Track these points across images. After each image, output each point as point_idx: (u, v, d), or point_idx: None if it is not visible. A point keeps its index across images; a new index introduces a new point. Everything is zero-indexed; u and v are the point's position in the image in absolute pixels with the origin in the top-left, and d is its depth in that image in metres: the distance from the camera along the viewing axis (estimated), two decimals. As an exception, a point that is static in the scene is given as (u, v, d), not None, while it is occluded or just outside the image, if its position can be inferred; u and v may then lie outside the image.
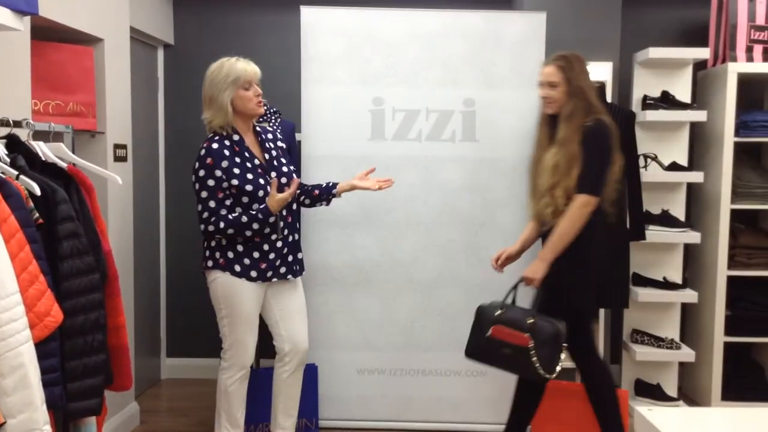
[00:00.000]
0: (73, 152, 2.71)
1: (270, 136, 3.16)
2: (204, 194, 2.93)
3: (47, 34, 3.13)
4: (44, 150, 2.47)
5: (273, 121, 3.66)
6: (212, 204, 2.92)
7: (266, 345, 3.81)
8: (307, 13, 3.73)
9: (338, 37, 3.73)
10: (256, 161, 3.01)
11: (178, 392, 4.44)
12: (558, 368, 2.89)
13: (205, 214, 2.94)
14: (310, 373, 3.37)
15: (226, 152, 2.95)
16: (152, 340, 4.52)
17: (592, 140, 2.97)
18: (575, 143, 2.97)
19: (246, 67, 2.97)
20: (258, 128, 3.13)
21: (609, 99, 3.86)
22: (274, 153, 3.09)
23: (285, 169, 3.08)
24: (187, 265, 4.60)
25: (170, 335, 4.68)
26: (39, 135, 2.55)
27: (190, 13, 4.56)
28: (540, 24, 3.72)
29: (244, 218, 2.91)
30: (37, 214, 2.23)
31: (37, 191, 2.22)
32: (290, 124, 3.77)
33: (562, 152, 2.98)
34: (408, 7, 3.78)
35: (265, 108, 3.63)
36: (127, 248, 3.72)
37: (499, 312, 2.95)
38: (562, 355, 2.89)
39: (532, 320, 2.88)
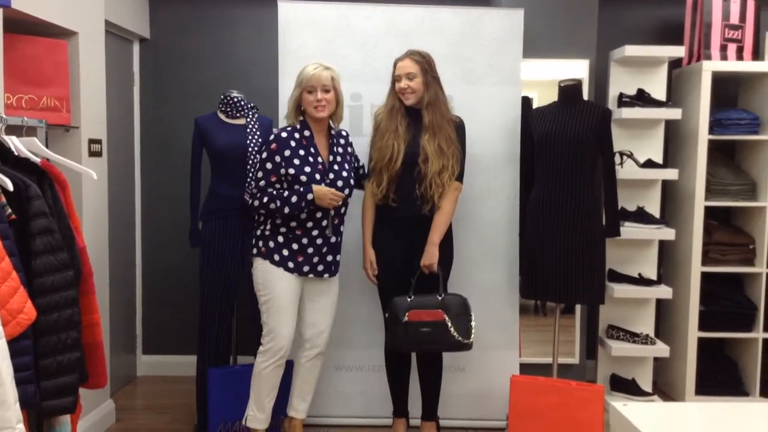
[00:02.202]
0: (47, 147, 2.67)
1: (342, 141, 3.34)
2: (259, 174, 3.19)
3: (20, 27, 3.08)
4: (17, 145, 2.43)
5: (250, 116, 3.63)
6: (262, 183, 3.18)
7: (247, 341, 3.80)
8: (284, 7, 3.72)
9: (316, 32, 3.72)
10: (319, 159, 3.21)
11: (154, 389, 4.40)
12: (473, 332, 3.22)
13: (254, 190, 3.20)
14: (285, 369, 3.38)
15: (292, 143, 3.17)
16: (128, 337, 4.49)
17: (463, 135, 3.38)
18: (449, 129, 3.30)
19: (313, 73, 3.15)
20: (333, 131, 3.32)
21: (585, 96, 3.88)
22: (339, 158, 3.28)
23: (344, 174, 3.26)
24: (163, 261, 4.57)
25: (146, 332, 4.64)
26: (12, 129, 2.51)
27: (167, 6, 4.51)
28: (518, 21, 3.73)
29: (285, 192, 3.12)
30: (10, 210, 2.20)
31: (10, 186, 2.19)
32: (268, 120, 3.75)
33: (441, 137, 3.27)
34: (386, 3, 3.77)
35: (243, 103, 3.62)
36: (102, 244, 3.69)
37: (410, 299, 3.23)
38: (473, 322, 3.24)
39: (440, 297, 3.22)
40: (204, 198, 3.65)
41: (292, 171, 3.13)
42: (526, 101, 3.93)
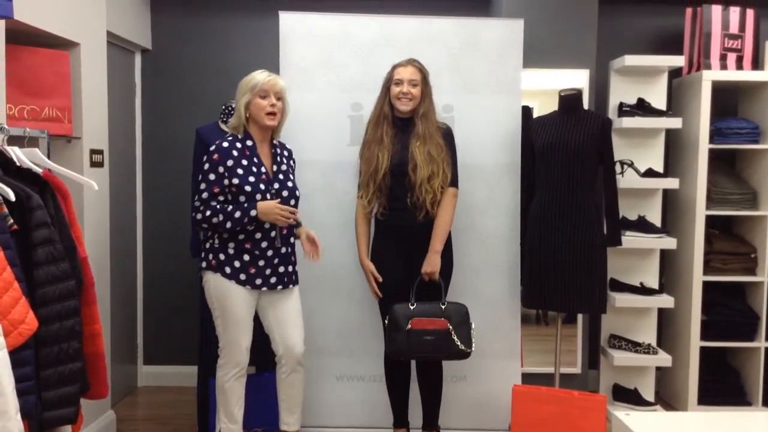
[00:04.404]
0: (49, 157, 2.68)
1: (285, 153, 3.28)
2: (202, 186, 3.06)
3: (22, 38, 3.09)
4: (19, 155, 2.44)
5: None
6: (205, 195, 3.05)
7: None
8: (285, 19, 3.73)
9: (317, 43, 3.73)
10: (263, 169, 3.12)
11: (155, 400, 4.39)
12: (474, 341, 3.28)
13: (197, 203, 3.07)
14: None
15: (235, 153, 3.07)
16: (129, 348, 4.48)
17: (452, 140, 3.40)
18: (438, 137, 3.31)
19: (267, 78, 3.09)
20: (276, 142, 3.24)
21: (585, 106, 3.89)
22: (283, 167, 3.20)
23: (290, 184, 3.18)
24: (164, 271, 4.56)
25: (147, 342, 4.63)
26: (14, 140, 2.52)
27: (168, 17, 4.53)
28: (518, 31, 3.74)
29: (229, 207, 3.02)
30: (12, 220, 2.20)
31: (12, 197, 2.19)
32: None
33: (431, 145, 3.28)
34: (386, 14, 3.79)
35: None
36: (103, 255, 3.69)
37: (412, 307, 3.25)
38: (473, 331, 3.29)
39: (443, 306, 3.25)
40: (205, 208, 3.65)
41: (236, 181, 3.02)
42: (527, 111, 3.93)
